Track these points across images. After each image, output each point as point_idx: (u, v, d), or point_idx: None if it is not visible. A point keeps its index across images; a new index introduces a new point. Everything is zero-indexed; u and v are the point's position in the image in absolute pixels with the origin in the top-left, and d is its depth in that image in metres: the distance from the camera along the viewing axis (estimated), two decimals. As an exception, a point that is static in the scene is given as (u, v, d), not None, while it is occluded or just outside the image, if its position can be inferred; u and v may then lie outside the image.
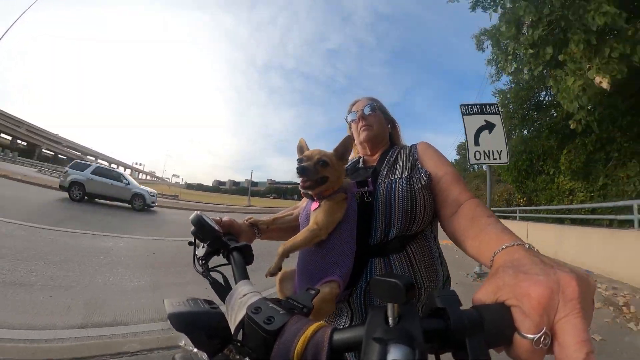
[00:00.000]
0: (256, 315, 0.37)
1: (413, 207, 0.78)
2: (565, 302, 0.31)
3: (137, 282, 3.90)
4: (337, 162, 0.77)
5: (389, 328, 0.30)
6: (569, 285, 0.32)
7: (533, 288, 0.32)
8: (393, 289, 0.29)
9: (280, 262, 0.69)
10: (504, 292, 0.34)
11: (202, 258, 0.66)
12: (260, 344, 0.35)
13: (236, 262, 0.61)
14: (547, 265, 0.35)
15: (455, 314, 0.32)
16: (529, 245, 0.46)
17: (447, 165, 0.85)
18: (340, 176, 0.78)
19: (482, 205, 0.71)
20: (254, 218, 0.90)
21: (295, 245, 0.70)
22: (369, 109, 1.01)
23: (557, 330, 0.31)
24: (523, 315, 0.32)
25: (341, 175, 0.79)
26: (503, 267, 0.38)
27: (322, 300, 0.63)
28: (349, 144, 0.80)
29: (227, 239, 0.69)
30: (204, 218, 0.68)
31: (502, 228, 0.56)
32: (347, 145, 0.79)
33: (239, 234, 0.82)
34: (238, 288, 0.51)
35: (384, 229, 0.78)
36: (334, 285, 0.67)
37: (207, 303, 0.42)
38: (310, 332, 0.34)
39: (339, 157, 0.78)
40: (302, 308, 0.42)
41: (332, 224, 0.73)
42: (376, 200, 0.81)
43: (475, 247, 0.60)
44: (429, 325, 0.31)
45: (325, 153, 0.76)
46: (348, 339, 0.33)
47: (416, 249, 0.79)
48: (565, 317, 0.30)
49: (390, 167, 0.90)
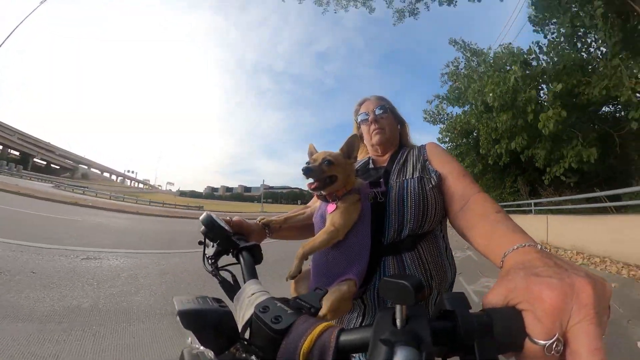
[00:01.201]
0: (264, 314, 0.38)
1: (425, 207, 0.79)
2: (580, 307, 0.30)
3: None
4: (345, 161, 0.78)
5: (396, 330, 0.30)
6: (584, 290, 0.31)
7: (546, 292, 0.31)
8: (402, 290, 0.29)
9: (300, 264, 0.70)
10: (515, 295, 0.33)
11: (211, 257, 0.67)
12: (267, 342, 0.36)
13: (245, 262, 0.62)
14: (561, 268, 0.34)
15: (464, 317, 0.31)
16: (541, 246, 0.45)
17: (453, 162, 0.87)
18: (350, 174, 0.80)
19: (490, 200, 0.71)
20: (266, 218, 0.91)
21: (315, 247, 0.71)
22: (380, 111, 1.01)
23: (570, 337, 0.30)
24: (535, 320, 0.31)
25: (351, 173, 0.80)
26: (515, 269, 0.37)
27: (340, 299, 0.65)
28: (355, 142, 0.81)
29: (237, 238, 0.70)
30: (214, 218, 0.70)
31: (512, 226, 0.56)
32: (352, 144, 0.81)
33: (249, 234, 0.83)
34: (246, 287, 0.51)
35: (397, 228, 0.80)
36: (351, 283, 0.69)
37: (216, 301, 0.43)
38: (317, 332, 0.34)
39: (346, 155, 0.79)
40: (310, 308, 0.42)
41: (349, 225, 0.75)
42: (389, 200, 0.82)
43: (484, 245, 0.60)
44: (437, 328, 0.31)
45: (331, 153, 0.78)
46: (355, 340, 0.32)
47: (426, 248, 0.81)
48: (579, 323, 0.29)
49: (401, 167, 0.92)
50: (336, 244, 0.74)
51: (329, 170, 0.75)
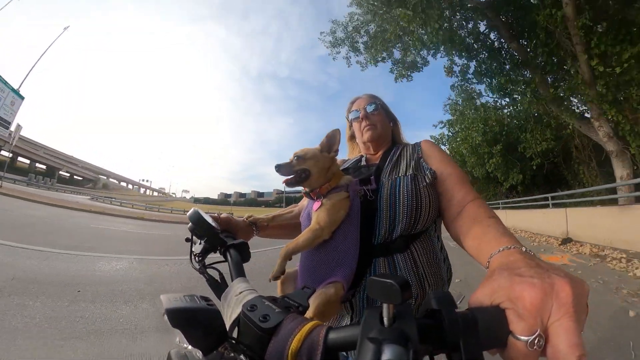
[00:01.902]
0: (252, 312, 0.37)
1: (418, 205, 0.76)
2: (559, 305, 0.31)
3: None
4: (321, 155, 0.77)
5: (383, 328, 0.30)
6: (563, 289, 0.32)
7: (527, 291, 0.32)
8: (388, 289, 0.29)
9: (283, 264, 0.68)
10: (499, 294, 0.34)
11: (198, 255, 0.65)
12: (256, 341, 0.35)
13: (233, 260, 0.61)
14: (542, 268, 0.36)
15: (450, 315, 0.32)
16: (525, 248, 0.46)
17: (453, 165, 0.84)
18: (330, 168, 0.78)
19: (485, 206, 0.70)
20: (253, 216, 0.90)
21: (298, 246, 0.69)
22: (372, 108, 0.99)
23: (550, 333, 0.31)
24: (517, 318, 0.32)
25: (331, 167, 0.79)
26: (499, 270, 0.38)
27: (326, 302, 0.63)
28: (336, 136, 0.81)
29: (225, 236, 0.68)
30: (201, 214, 0.68)
31: (502, 230, 0.57)
32: (333, 137, 0.80)
33: (237, 232, 0.81)
34: (234, 285, 0.50)
35: (388, 228, 0.77)
36: (338, 286, 0.66)
37: (204, 300, 0.42)
38: (305, 330, 0.34)
39: (325, 150, 0.79)
40: (298, 306, 0.42)
41: (335, 223, 0.72)
42: (380, 198, 0.79)
43: (474, 248, 0.60)
44: (423, 326, 0.31)
45: (304, 148, 0.78)
46: (343, 338, 0.33)
47: (420, 248, 0.78)
48: (558, 320, 0.31)
49: (394, 165, 0.88)
50: (323, 244, 0.72)
51: (298, 164, 0.74)
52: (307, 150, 0.77)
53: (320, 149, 0.79)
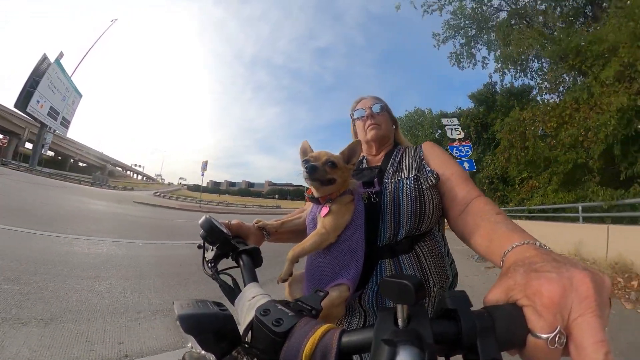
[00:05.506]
0: (265, 317, 0.37)
1: (422, 207, 0.77)
2: (580, 300, 0.30)
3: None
4: (344, 165, 0.76)
5: (398, 330, 0.29)
6: (583, 282, 0.31)
7: (545, 286, 0.31)
8: (402, 290, 0.29)
9: (290, 267, 0.69)
10: (516, 292, 0.33)
11: (211, 261, 0.66)
12: (269, 345, 0.35)
13: (245, 265, 0.61)
14: (560, 262, 0.35)
15: (466, 315, 0.31)
16: (539, 243, 0.45)
17: (454, 165, 0.85)
18: (347, 179, 0.77)
19: (491, 203, 0.70)
20: (262, 221, 0.91)
21: (305, 249, 0.70)
22: (378, 108, 1.01)
23: (573, 330, 0.30)
24: (536, 315, 0.31)
25: (347, 178, 0.78)
26: (514, 267, 0.37)
27: (331, 305, 0.63)
28: (357, 149, 0.78)
29: (236, 241, 0.69)
30: (213, 221, 0.69)
31: (512, 226, 0.56)
32: (354, 149, 0.78)
33: (248, 237, 0.82)
34: (247, 290, 0.51)
35: (393, 230, 0.78)
36: (343, 288, 0.67)
37: (216, 305, 0.42)
38: (319, 334, 0.34)
39: (345, 160, 0.77)
40: (311, 310, 0.42)
41: (341, 226, 0.72)
42: (383, 200, 0.80)
43: (484, 246, 0.59)
44: (439, 327, 0.31)
45: (333, 155, 0.75)
46: (357, 341, 0.32)
47: (425, 249, 0.79)
48: (581, 316, 0.29)
49: (396, 167, 0.90)
50: (329, 247, 0.72)
51: (331, 172, 0.72)
52: (337, 158, 0.75)
53: (342, 158, 0.77)
